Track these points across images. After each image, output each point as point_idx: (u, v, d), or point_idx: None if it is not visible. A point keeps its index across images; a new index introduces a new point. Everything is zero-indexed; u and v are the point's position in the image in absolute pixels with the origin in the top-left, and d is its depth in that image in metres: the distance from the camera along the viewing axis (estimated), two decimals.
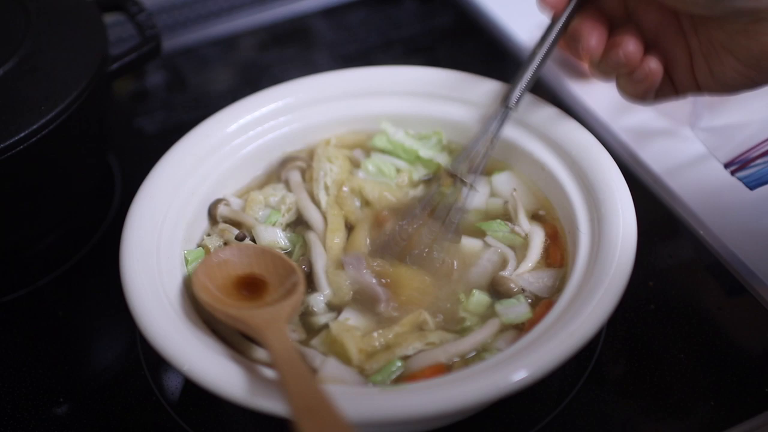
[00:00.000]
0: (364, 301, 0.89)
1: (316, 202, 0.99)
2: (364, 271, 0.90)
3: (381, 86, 1.04)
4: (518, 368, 0.75)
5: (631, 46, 0.89)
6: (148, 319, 0.81)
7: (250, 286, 0.87)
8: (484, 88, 1.02)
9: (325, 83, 1.05)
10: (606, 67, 0.92)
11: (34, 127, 0.96)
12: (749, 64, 0.86)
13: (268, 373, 0.79)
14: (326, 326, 0.88)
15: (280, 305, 0.83)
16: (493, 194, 0.99)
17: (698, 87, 0.91)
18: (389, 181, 1.01)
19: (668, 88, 0.93)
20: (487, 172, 1.01)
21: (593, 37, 0.90)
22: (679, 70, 0.91)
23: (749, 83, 0.88)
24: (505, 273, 0.90)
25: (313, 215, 0.98)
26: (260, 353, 0.85)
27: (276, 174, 1.03)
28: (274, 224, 0.96)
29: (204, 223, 0.98)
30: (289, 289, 0.85)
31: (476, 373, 0.76)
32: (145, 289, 0.83)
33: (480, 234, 0.96)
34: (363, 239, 0.95)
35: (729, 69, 0.87)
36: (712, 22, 0.87)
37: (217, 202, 0.98)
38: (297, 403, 0.71)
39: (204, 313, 0.87)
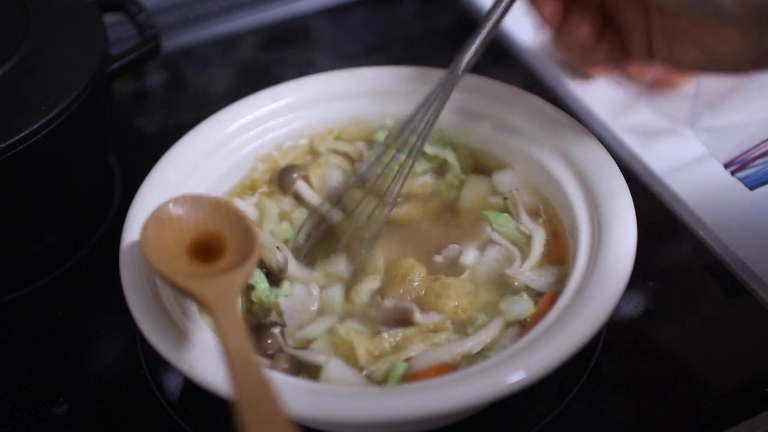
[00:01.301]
0: (398, 320, 0.88)
1: None
2: (383, 301, 0.89)
3: (381, 86, 1.04)
4: (517, 369, 0.75)
5: (584, 28, 0.88)
6: (147, 319, 0.81)
7: (207, 246, 0.81)
8: (484, 88, 1.02)
9: (325, 83, 1.05)
10: (561, 42, 0.91)
11: (34, 127, 0.96)
12: (712, 58, 0.84)
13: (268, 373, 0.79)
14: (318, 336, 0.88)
15: (233, 274, 0.77)
16: (493, 192, 1.00)
17: (651, 57, 0.90)
18: (393, 171, 1.01)
19: (619, 53, 0.91)
20: (488, 171, 1.01)
21: (548, 7, 0.89)
22: (635, 40, 0.90)
23: (703, 70, 0.88)
24: (510, 271, 0.91)
25: None
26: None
27: (279, 185, 1.02)
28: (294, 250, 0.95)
29: None
30: (246, 253, 0.79)
31: (475, 373, 0.76)
32: (144, 289, 0.83)
33: (480, 222, 0.96)
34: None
35: (689, 56, 0.86)
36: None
37: None
38: (241, 393, 0.67)
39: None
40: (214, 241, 0.82)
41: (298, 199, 1.00)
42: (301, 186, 1.00)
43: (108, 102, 1.11)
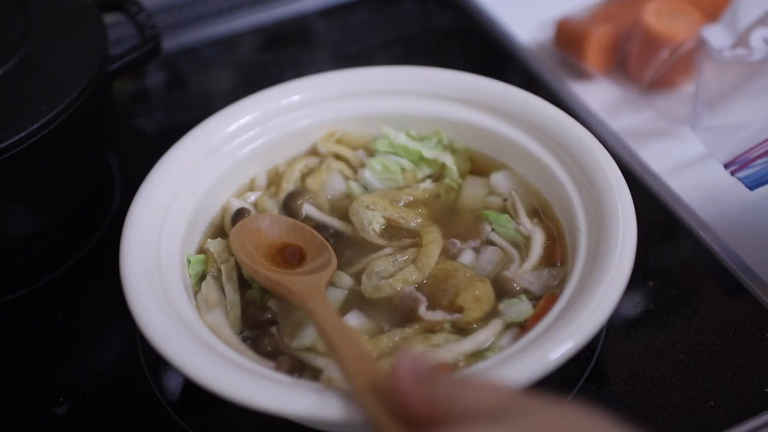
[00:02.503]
0: (401, 311, 0.89)
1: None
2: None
3: (382, 86, 1.04)
4: (518, 368, 0.75)
5: None
6: (148, 319, 0.80)
7: (289, 255, 0.90)
8: (484, 88, 1.02)
9: (325, 83, 1.05)
10: None
11: (35, 127, 0.96)
12: None
13: (269, 373, 0.79)
14: None
15: (319, 275, 0.85)
16: (492, 193, 1.00)
17: None
18: (396, 177, 1.01)
19: None
20: (486, 172, 1.01)
21: None
22: None
23: None
24: (509, 273, 0.91)
25: None
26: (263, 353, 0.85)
27: (286, 211, 1.00)
28: None
29: (204, 223, 0.98)
30: (323, 264, 0.87)
31: (475, 373, 0.76)
32: (144, 289, 0.83)
33: (481, 222, 0.96)
34: None
35: None
36: None
37: (242, 211, 0.97)
38: (351, 368, 0.72)
39: (205, 314, 0.87)
40: (295, 251, 0.91)
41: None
42: (309, 210, 0.99)
43: (108, 102, 1.11)
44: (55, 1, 1.09)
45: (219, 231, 0.98)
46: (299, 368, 0.84)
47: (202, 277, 0.92)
